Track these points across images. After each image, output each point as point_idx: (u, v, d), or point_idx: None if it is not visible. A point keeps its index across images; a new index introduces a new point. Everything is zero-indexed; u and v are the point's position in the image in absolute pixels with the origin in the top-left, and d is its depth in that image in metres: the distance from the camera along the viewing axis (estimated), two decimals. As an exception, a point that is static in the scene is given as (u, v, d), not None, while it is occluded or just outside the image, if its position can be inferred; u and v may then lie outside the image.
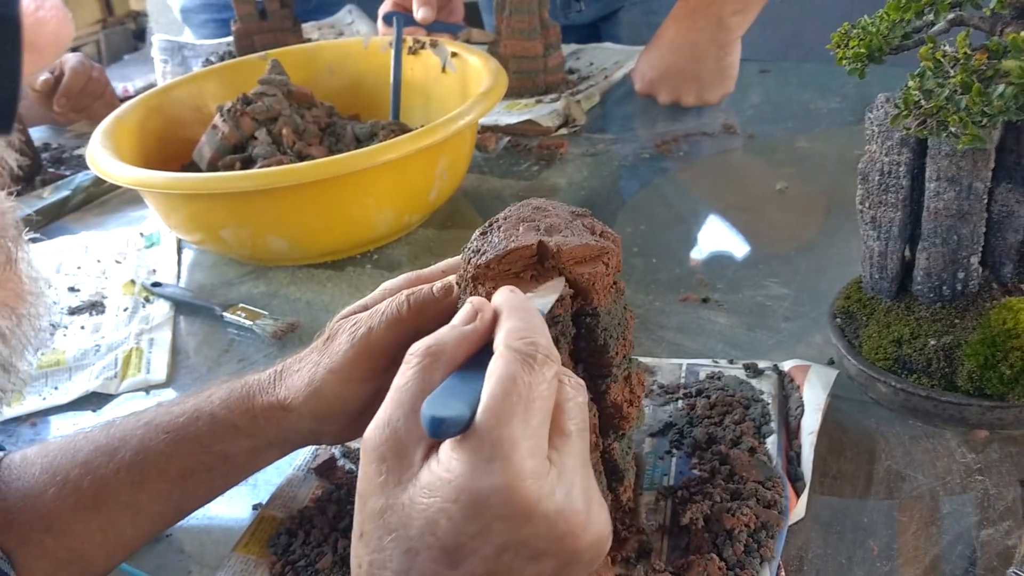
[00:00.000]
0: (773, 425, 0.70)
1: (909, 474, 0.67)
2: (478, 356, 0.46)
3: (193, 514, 0.66)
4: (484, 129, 1.34)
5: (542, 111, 1.35)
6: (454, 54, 1.26)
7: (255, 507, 0.72)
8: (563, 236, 0.58)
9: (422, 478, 0.41)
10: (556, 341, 0.56)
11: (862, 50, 0.64)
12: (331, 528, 0.67)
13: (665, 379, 0.79)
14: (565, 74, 1.50)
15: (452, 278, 0.61)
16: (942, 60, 0.59)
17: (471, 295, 0.57)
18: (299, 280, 1.06)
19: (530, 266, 0.57)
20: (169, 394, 0.89)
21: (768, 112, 1.35)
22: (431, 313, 0.59)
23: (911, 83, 0.60)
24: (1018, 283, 0.70)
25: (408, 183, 1.04)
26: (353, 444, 0.75)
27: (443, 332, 0.46)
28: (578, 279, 0.56)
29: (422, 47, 1.30)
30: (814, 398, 0.71)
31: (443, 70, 1.27)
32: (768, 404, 0.72)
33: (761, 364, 0.77)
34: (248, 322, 0.96)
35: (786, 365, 0.77)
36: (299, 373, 0.64)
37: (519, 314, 0.46)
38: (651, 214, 1.11)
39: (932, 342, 0.69)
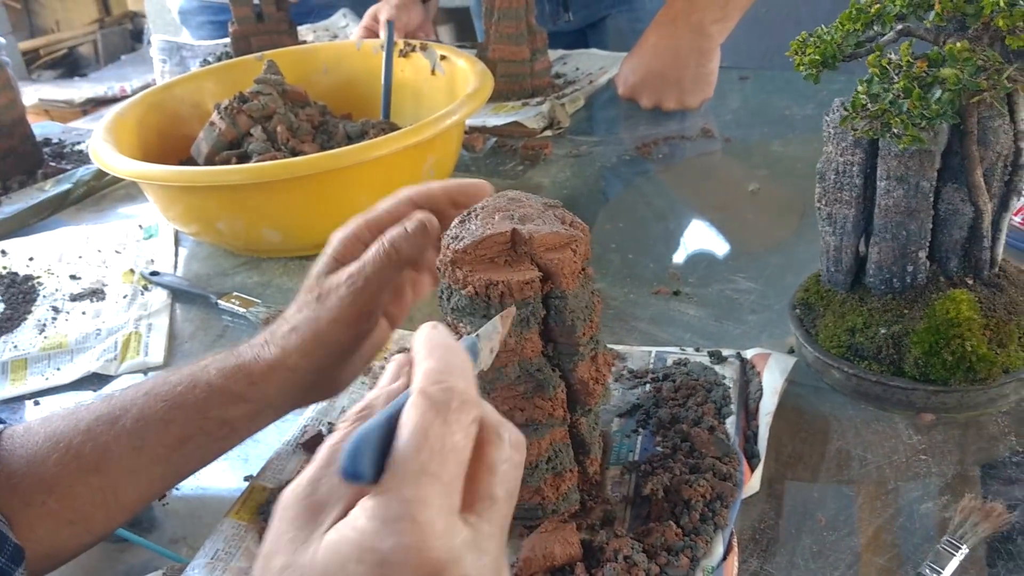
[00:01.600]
0: (733, 407, 0.75)
1: (859, 454, 0.72)
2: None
3: (188, 484, 0.70)
4: (472, 130, 1.39)
5: (528, 113, 1.40)
6: (443, 57, 1.31)
7: (247, 478, 0.76)
8: (535, 225, 0.62)
9: (328, 536, 0.39)
10: (526, 321, 0.61)
11: (817, 57, 0.69)
12: (317, 497, 0.71)
13: (635, 365, 0.83)
14: (551, 78, 1.55)
15: (419, 215, 0.68)
16: (887, 67, 0.64)
17: (450, 279, 0.62)
18: (291, 271, 1.11)
19: (504, 252, 0.62)
20: (165, 376, 0.93)
21: (745, 117, 1.40)
22: (409, 253, 0.67)
23: (860, 88, 0.65)
24: (963, 276, 0.75)
25: (396, 179, 1.08)
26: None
27: (373, 394, 0.45)
28: (548, 264, 0.61)
29: (412, 50, 1.34)
30: (772, 383, 0.76)
31: (432, 72, 1.32)
32: (729, 388, 0.77)
33: (725, 352, 0.82)
34: (242, 310, 1.01)
35: (748, 353, 0.82)
36: (296, 331, 0.69)
37: (437, 353, 0.43)
38: (630, 213, 1.16)
39: (882, 331, 0.74)
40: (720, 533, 0.64)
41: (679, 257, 1.05)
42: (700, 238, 1.10)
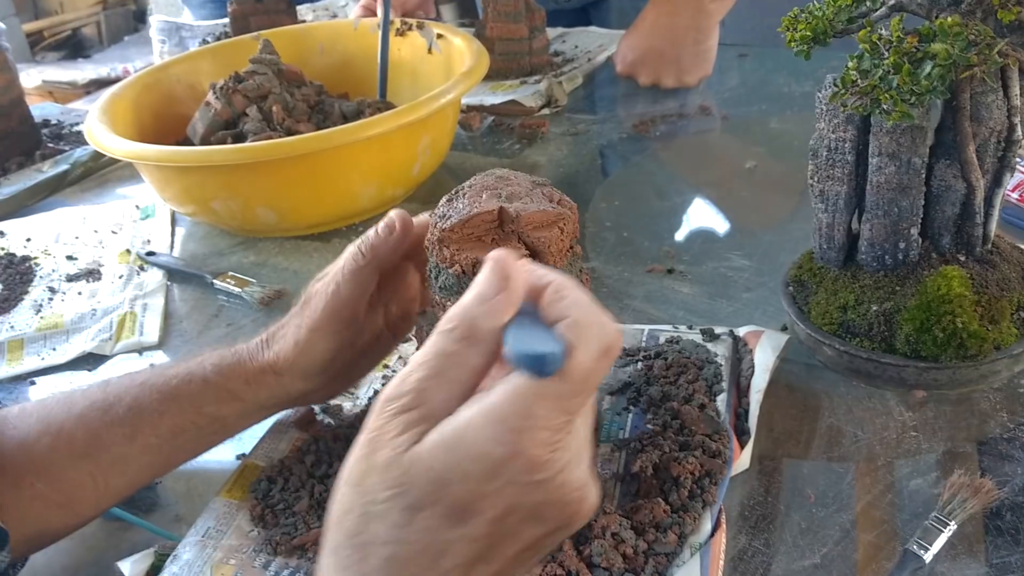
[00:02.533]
0: (724, 384, 0.75)
1: (849, 431, 0.72)
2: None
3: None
4: (469, 109, 1.38)
5: (525, 92, 1.40)
6: (439, 35, 1.30)
7: (239, 457, 0.76)
8: (523, 203, 0.62)
9: (445, 432, 0.41)
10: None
11: (808, 33, 0.68)
12: (308, 475, 0.72)
13: (627, 343, 0.83)
14: (550, 56, 1.54)
15: (393, 214, 0.67)
16: (878, 43, 0.63)
17: (437, 257, 0.62)
18: (287, 251, 1.11)
19: (491, 230, 0.62)
20: (161, 356, 0.94)
21: (743, 95, 1.39)
22: (383, 251, 0.66)
23: (850, 64, 0.65)
24: (955, 253, 0.74)
25: (391, 158, 1.08)
26: (332, 401, 0.80)
27: (470, 304, 0.45)
28: (535, 242, 0.61)
29: (409, 28, 1.34)
30: (764, 360, 0.76)
31: (429, 51, 1.32)
32: (721, 366, 0.77)
33: (717, 330, 0.82)
34: (237, 289, 1.01)
35: (741, 330, 0.81)
36: (285, 338, 0.69)
37: (559, 280, 0.45)
38: (626, 191, 1.15)
39: (874, 308, 0.74)
40: (709, 510, 0.64)
41: (674, 235, 1.05)
42: (696, 216, 1.09)
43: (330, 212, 1.10)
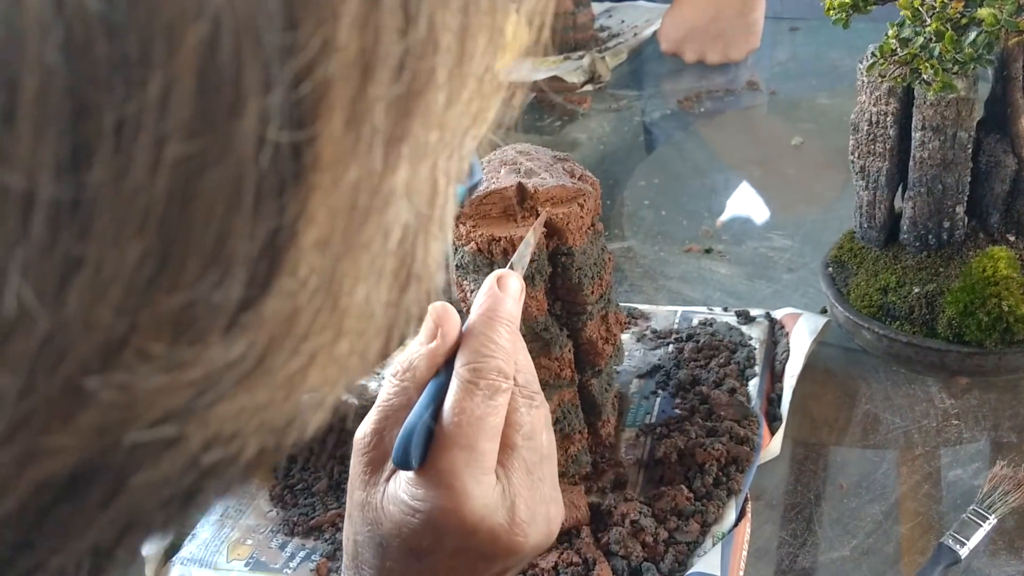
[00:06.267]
0: (757, 368, 0.72)
1: (886, 418, 0.69)
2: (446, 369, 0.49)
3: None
4: (510, 84, 1.36)
5: (568, 67, 1.37)
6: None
7: (263, 436, 0.76)
8: (541, 178, 0.60)
9: (390, 488, 0.46)
10: (531, 279, 0.59)
11: (847, 0, 0.65)
12: (329, 456, 0.71)
13: (659, 325, 0.81)
14: (595, 31, 1.51)
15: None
16: (920, 8, 0.60)
17: (455, 234, 0.61)
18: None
19: (509, 206, 0.60)
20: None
21: (793, 69, 1.34)
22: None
23: (890, 32, 0.61)
24: (1004, 233, 0.71)
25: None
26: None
27: (412, 351, 0.49)
28: (553, 219, 0.59)
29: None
30: (800, 344, 0.73)
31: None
32: (755, 349, 0.74)
33: (753, 312, 0.79)
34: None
35: (779, 313, 0.79)
36: None
37: (483, 335, 0.48)
38: (667, 169, 1.12)
39: (916, 290, 0.70)
40: (734, 498, 0.61)
41: (714, 214, 1.01)
42: (737, 195, 1.06)
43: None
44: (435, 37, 0.22)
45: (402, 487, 0.46)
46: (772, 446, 0.66)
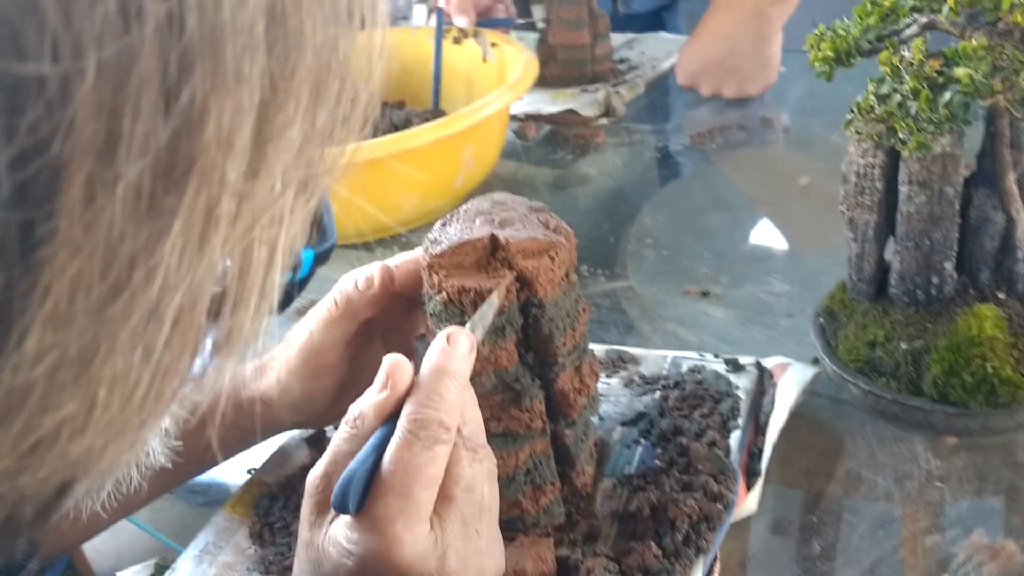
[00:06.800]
0: (740, 420, 0.71)
1: (868, 476, 0.68)
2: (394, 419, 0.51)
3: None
4: (527, 117, 1.37)
5: (584, 100, 1.37)
6: (493, 44, 1.29)
7: (249, 471, 0.77)
8: (515, 230, 0.60)
9: (331, 530, 0.49)
10: (502, 330, 0.59)
11: (830, 53, 0.64)
12: (309, 496, 0.71)
13: (648, 370, 0.80)
14: (613, 64, 1.50)
15: (374, 268, 0.65)
16: (899, 65, 0.59)
17: (428, 283, 0.61)
18: (331, 259, 1.11)
19: (482, 257, 0.60)
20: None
21: (809, 105, 1.33)
22: (359, 305, 0.65)
23: (870, 88, 0.61)
24: (994, 289, 0.69)
25: (434, 170, 1.07)
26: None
27: (365, 399, 0.52)
28: (524, 271, 0.59)
29: (465, 37, 1.33)
30: (786, 396, 0.72)
31: (484, 59, 1.30)
32: (740, 399, 0.73)
33: (743, 360, 0.78)
34: (274, 298, 1.02)
35: (769, 362, 0.78)
36: (270, 373, 0.69)
37: (429, 387, 0.50)
38: (674, 206, 1.12)
39: (903, 346, 0.69)
40: (702, 557, 0.61)
41: (715, 255, 1.01)
42: (740, 235, 1.05)
43: (372, 222, 1.10)
44: (201, 117, 0.21)
45: (340, 530, 0.48)
46: (749, 503, 0.65)
